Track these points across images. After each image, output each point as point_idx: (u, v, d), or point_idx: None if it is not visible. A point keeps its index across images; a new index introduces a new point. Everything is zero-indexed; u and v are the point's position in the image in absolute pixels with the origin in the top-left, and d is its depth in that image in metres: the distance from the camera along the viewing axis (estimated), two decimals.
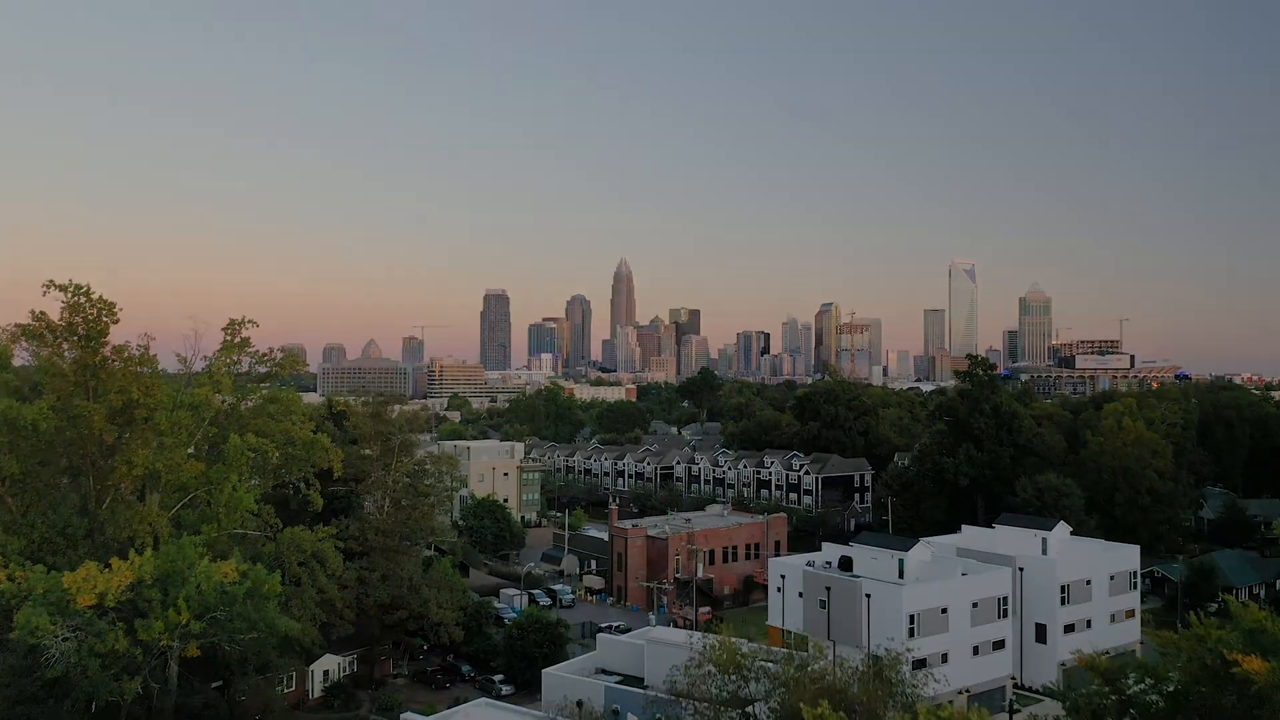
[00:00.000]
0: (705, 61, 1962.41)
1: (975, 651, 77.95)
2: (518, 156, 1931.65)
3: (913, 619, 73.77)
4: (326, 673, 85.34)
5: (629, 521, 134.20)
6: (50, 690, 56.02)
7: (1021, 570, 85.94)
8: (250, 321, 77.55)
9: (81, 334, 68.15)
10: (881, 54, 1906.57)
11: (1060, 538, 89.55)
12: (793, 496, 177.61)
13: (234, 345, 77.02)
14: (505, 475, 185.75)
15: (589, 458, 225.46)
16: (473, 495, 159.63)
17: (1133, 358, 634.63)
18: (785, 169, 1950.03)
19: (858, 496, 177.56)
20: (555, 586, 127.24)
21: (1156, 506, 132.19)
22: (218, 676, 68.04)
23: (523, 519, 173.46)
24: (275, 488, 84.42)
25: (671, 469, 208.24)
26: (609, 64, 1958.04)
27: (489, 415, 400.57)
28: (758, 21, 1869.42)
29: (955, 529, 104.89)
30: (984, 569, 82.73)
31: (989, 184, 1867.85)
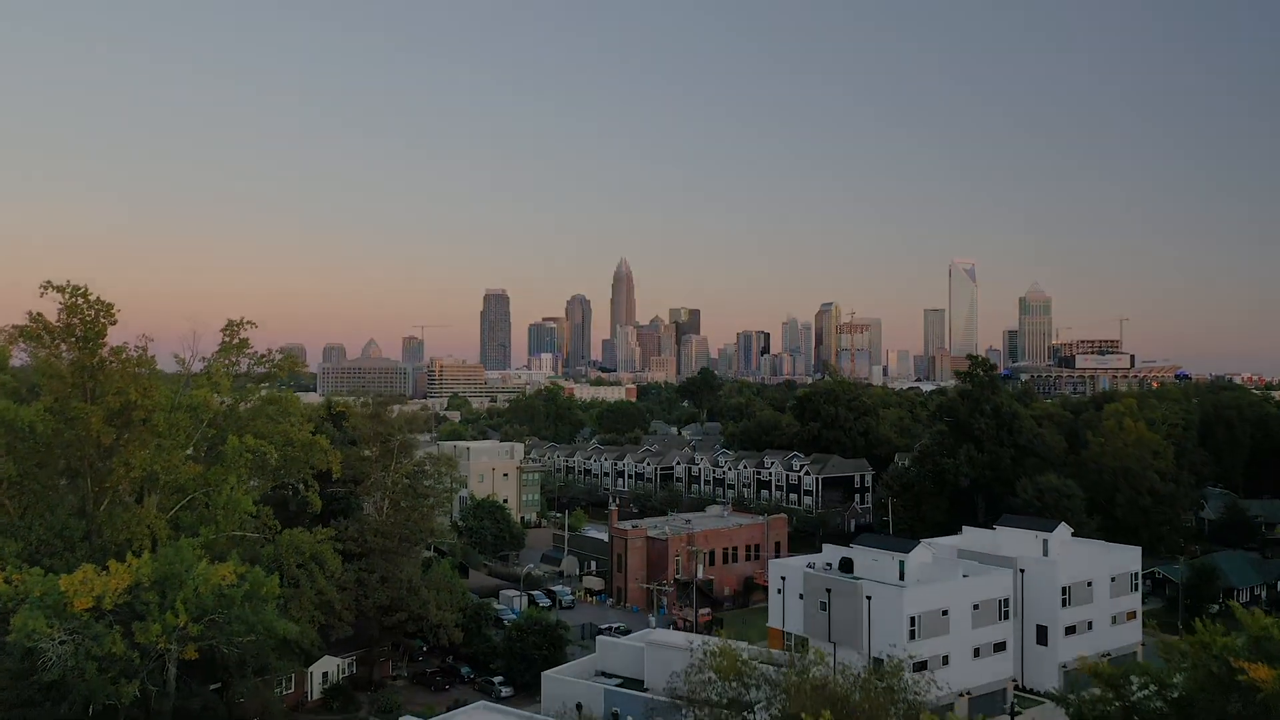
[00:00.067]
0: (705, 61, 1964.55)
1: (976, 654, 77.78)
2: (518, 156, 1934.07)
3: (914, 621, 73.51)
4: (325, 674, 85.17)
5: (629, 522, 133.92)
6: (48, 693, 55.93)
7: (1022, 572, 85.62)
8: (249, 323, 77.50)
9: (79, 335, 67.99)
10: (881, 54, 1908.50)
11: (1061, 539, 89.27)
12: (793, 497, 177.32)
13: (232, 346, 76.84)
14: (505, 476, 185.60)
15: (589, 458, 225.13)
16: (472, 496, 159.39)
17: (1133, 357, 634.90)
18: (785, 168, 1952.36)
19: (858, 497, 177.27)
20: (555, 587, 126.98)
21: (1157, 507, 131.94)
22: (216, 678, 67.87)
23: (522, 520, 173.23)
24: (274, 489, 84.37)
25: (671, 469, 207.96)
26: (609, 64, 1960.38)
27: (489, 415, 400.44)
28: (758, 21, 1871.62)
29: (956, 530, 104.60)
30: (985, 571, 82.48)
31: (989, 184, 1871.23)
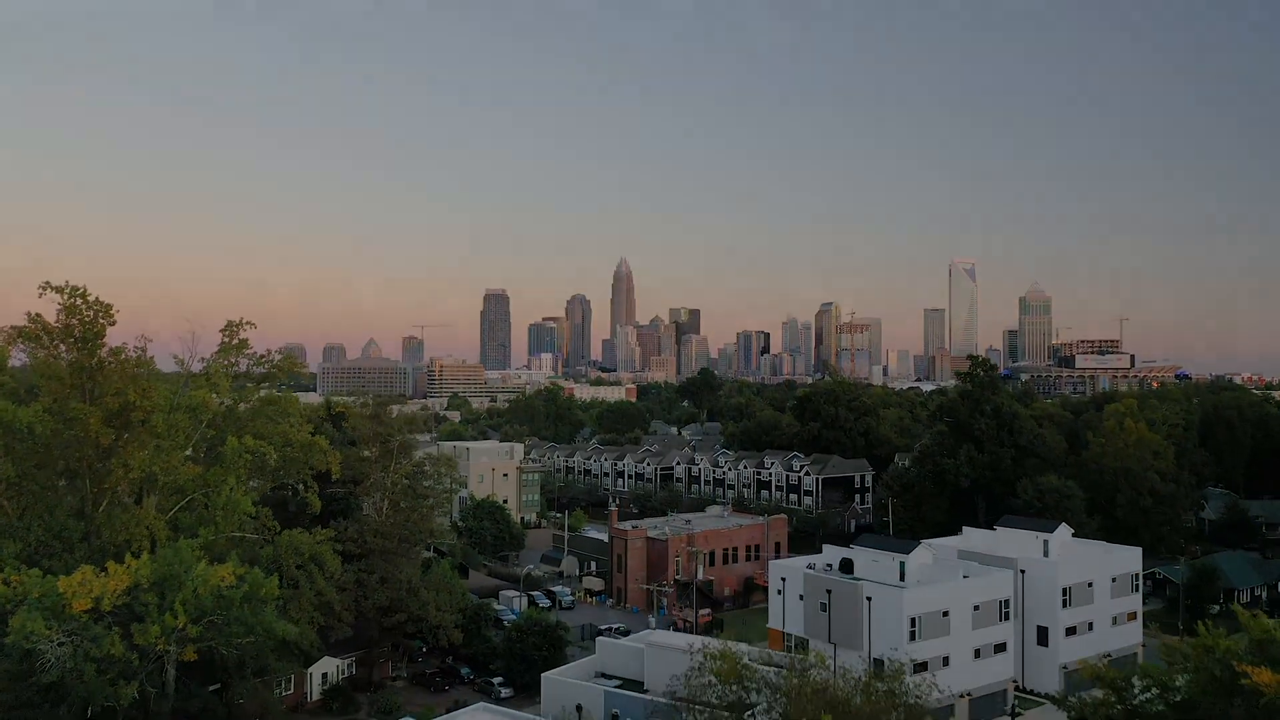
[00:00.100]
0: (705, 61, 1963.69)
1: (977, 655, 77.73)
2: (518, 156, 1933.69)
3: (914, 622, 73.46)
4: (325, 675, 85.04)
5: (629, 523, 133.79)
6: (46, 695, 55.81)
7: (1023, 573, 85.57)
8: (248, 323, 77.28)
9: (78, 336, 67.87)
10: (881, 53, 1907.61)
11: (1062, 540, 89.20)
12: (793, 497, 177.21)
13: (231, 347, 76.67)
14: (505, 476, 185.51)
15: (589, 458, 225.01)
16: (472, 496, 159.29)
17: (1133, 357, 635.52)
18: (785, 168, 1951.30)
19: (858, 497, 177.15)
20: (555, 588, 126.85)
21: (1158, 508, 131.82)
22: (215, 679, 67.73)
23: (522, 520, 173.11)
24: (273, 490, 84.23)
25: (671, 469, 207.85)
26: (609, 64, 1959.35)
27: (489, 415, 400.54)
28: (757, 21, 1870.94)
29: (956, 530, 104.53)
30: (985, 571, 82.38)
31: (989, 184, 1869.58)
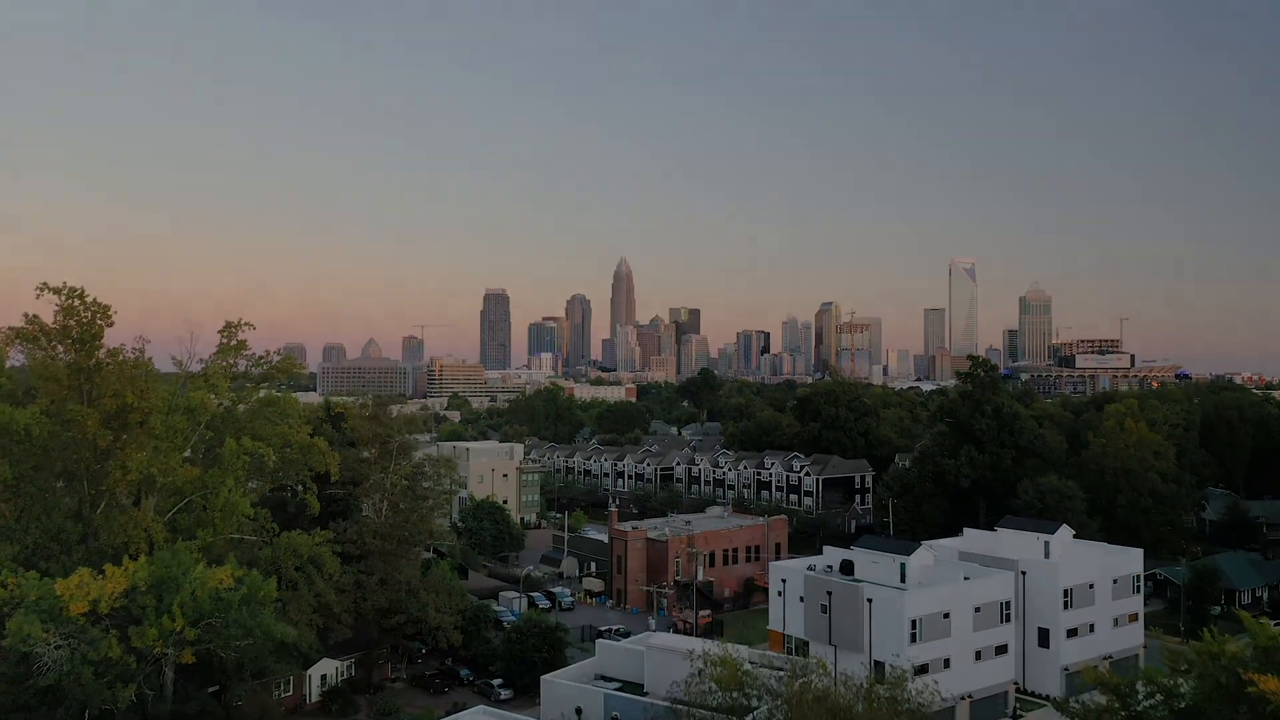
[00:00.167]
0: (705, 61, 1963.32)
1: (978, 656, 77.46)
2: (518, 156, 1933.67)
3: (915, 624, 73.21)
4: (324, 677, 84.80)
5: (629, 524, 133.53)
6: (43, 698, 55.58)
7: (1024, 574, 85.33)
8: (246, 324, 76.95)
9: (75, 337, 67.60)
10: (882, 53, 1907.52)
11: (1063, 541, 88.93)
12: (793, 498, 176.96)
13: (230, 348, 76.35)
14: (505, 476, 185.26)
15: (589, 458, 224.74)
16: (472, 497, 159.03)
17: (1133, 357, 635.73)
18: (785, 168, 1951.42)
19: (859, 498, 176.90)
20: (555, 589, 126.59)
21: (1159, 508, 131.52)
22: (214, 681, 67.51)
23: (522, 520, 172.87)
24: (272, 491, 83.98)
25: (671, 470, 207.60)
26: (609, 63, 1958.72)
27: (489, 415, 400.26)
28: (758, 21, 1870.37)
29: (957, 531, 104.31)
30: (986, 573, 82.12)
31: (989, 183, 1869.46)
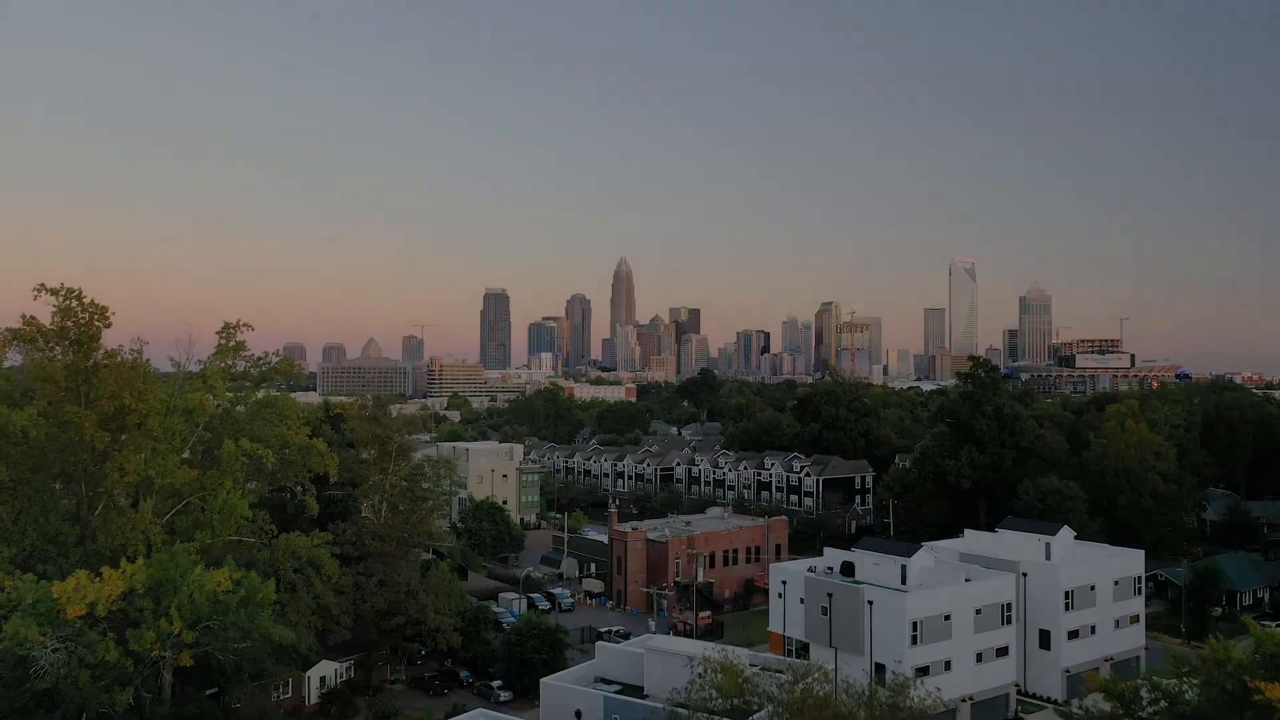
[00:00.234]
0: (705, 60, 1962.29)
1: (979, 659, 77.24)
2: (518, 156, 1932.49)
3: (916, 626, 72.98)
4: (323, 679, 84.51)
5: (629, 524, 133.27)
6: (40, 702, 55.18)
7: (1025, 576, 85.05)
8: (244, 325, 76.61)
9: (73, 338, 67.30)
10: (882, 53, 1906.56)
11: (1064, 542, 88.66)
12: (793, 498, 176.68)
13: (228, 349, 76.01)
14: (504, 477, 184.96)
15: (589, 459, 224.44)
16: (471, 497, 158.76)
17: (1133, 357, 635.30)
18: (785, 168, 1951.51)
19: (859, 498, 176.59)
20: (554, 590, 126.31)
21: (1159, 509, 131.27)
22: (212, 684, 67.20)
23: (522, 521, 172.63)
24: (271, 493, 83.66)
25: (671, 470, 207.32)
26: (609, 63, 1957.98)
27: (489, 415, 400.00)
28: (757, 21, 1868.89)
29: (957, 532, 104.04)
30: (987, 575, 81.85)
31: (989, 182, 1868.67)
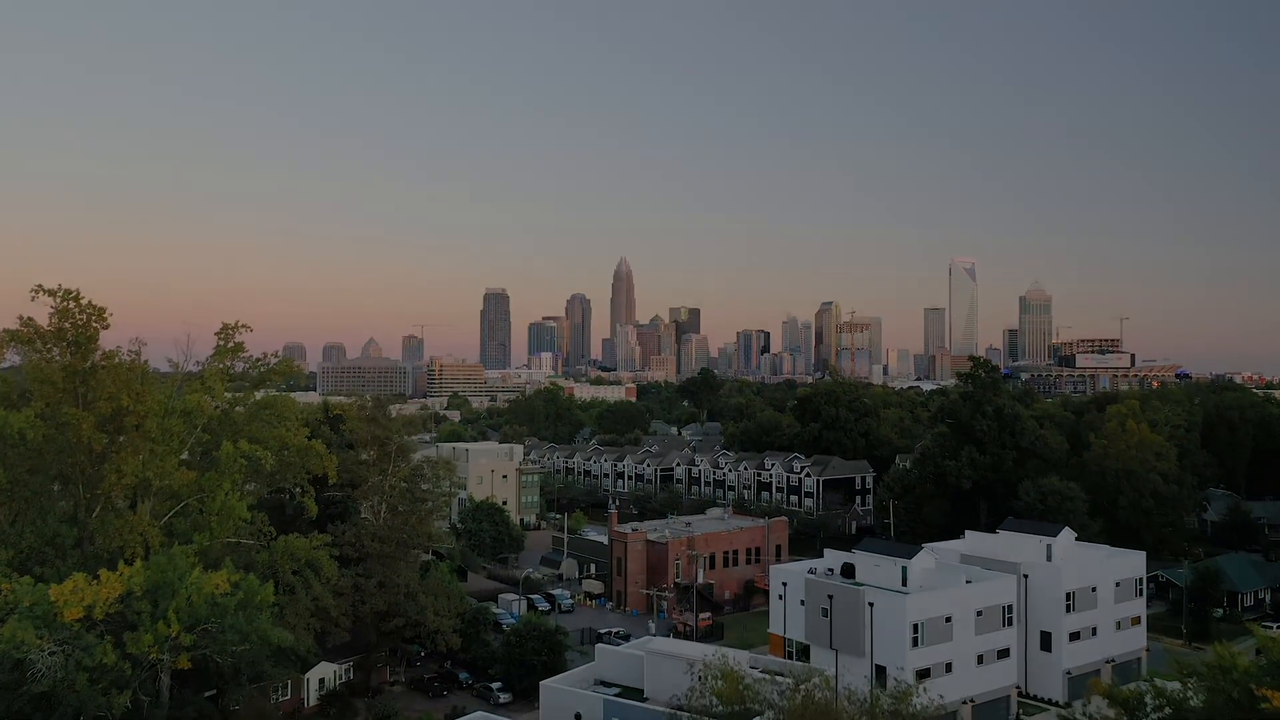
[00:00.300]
0: (705, 61, 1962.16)
1: (980, 660, 77.01)
2: (518, 155, 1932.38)
3: (917, 628, 72.76)
4: (322, 681, 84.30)
5: (629, 525, 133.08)
6: (37, 705, 54.93)
7: (1026, 577, 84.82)
8: (243, 326, 76.43)
9: (71, 339, 67.07)
10: (881, 52, 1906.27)
11: (1065, 544, 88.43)
12: (793, 499, 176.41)
13: (227, 350, 75.81)
14: (504, 477, 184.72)
15: (589, 459, 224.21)
16: (471, 498, 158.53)
17: (1133, 356, 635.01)
18: (785, 168, 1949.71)
19: (859, 499, 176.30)
20: (554, 591, 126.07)
21: (1160, 509, 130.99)
22: (210, 687, 66.93)
23: (522, 522, 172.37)
24: (270, 494, 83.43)
25: (671, 470, 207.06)
26: (609, 63, 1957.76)
27: (489, 415, 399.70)
28: (758, 20, 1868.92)
29: (958, 532, 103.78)
30: (988, 576, 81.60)
31: (989, 183, 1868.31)
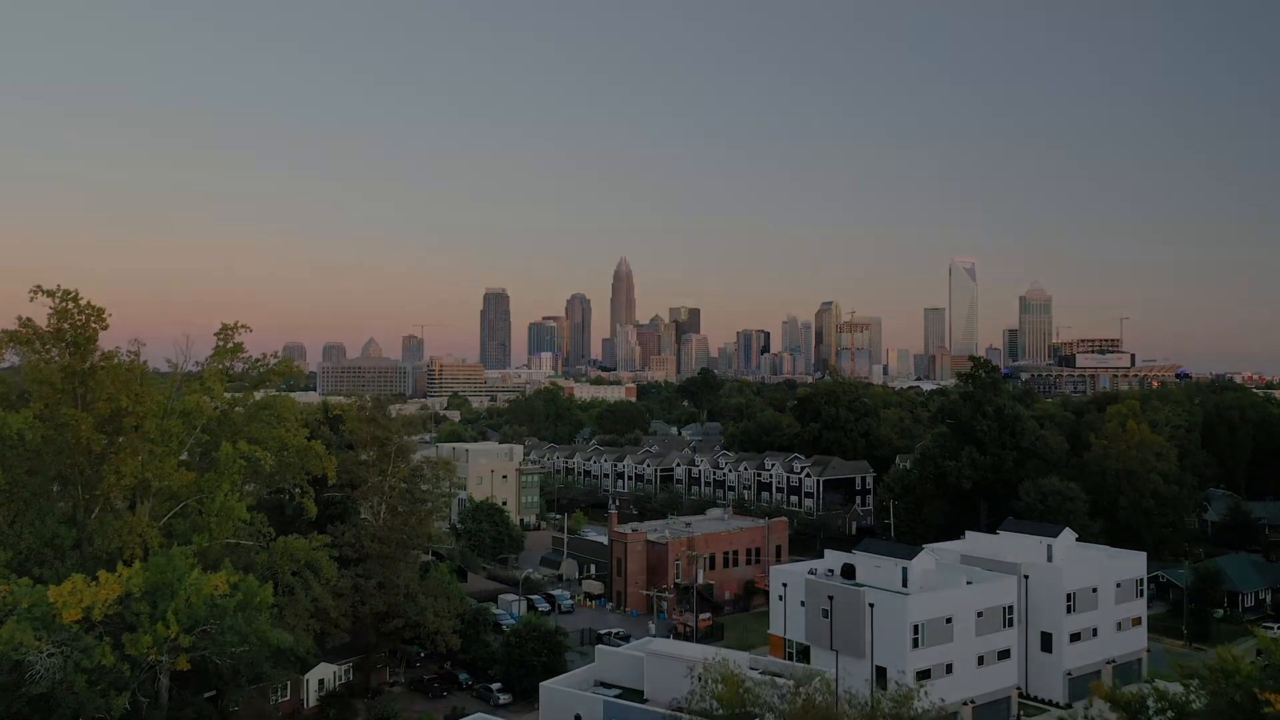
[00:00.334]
0: (705, 61, 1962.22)
1: (980, 661, 76.94)
2: (518, 156, 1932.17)
3: (917, 629, 72.67)
4: (322, 682, 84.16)
5: (629, 525, 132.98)
6: (36, 706, 54.85)
7: (1026, 578, 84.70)
8: (242, 326, 76.31)
9: (69, 340, 66.96)
10: (880, 53, 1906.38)
11: (1065, 544, 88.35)
12: (794, 499, 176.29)
13: (226, 351, 75.68)
14: (504, 478, 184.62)
15: (589, 459, 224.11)
16: (471, 498, 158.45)
17: (1133, 356, 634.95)
18: (785, 168, 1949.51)
19: (859, 499, 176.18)
20: (554, 591, 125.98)
21: (1160, 510, 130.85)
22: (210, 688, 66.82)
23: (521, 522, 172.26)
24: (269, 495, 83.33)
25: (671, 471, 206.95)
26: (609, 63, 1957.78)
27: (489, 415, 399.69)
28: (757, 22, 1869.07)
29: (958, 533, 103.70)
30: (989, 577, 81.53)
31: (989, 184, 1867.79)
